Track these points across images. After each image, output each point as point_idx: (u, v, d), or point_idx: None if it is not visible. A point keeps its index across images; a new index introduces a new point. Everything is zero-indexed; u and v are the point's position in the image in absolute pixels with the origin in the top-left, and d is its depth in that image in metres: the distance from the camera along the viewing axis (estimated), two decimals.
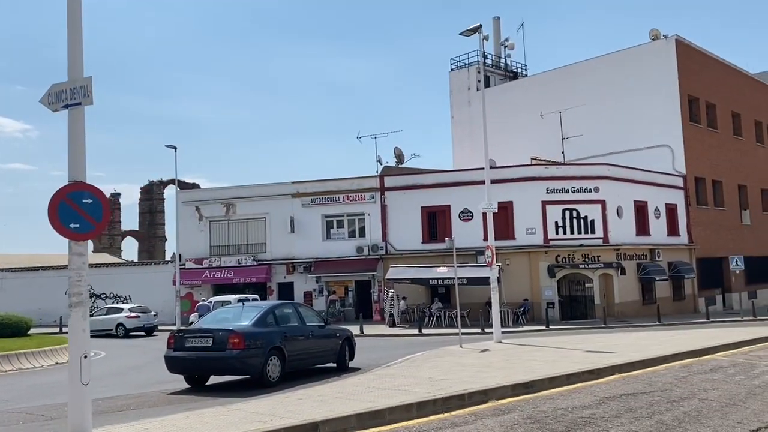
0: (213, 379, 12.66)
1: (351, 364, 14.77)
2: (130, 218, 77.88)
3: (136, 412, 9.71)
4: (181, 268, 36.83)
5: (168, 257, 58.34)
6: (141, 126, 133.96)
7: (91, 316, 32.21)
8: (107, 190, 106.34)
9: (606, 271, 32.78)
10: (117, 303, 36.61)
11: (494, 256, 19.22)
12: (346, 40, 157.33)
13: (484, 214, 33.06)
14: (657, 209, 36.59)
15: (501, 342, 18.96)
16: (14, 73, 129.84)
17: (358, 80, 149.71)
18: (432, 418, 8.86)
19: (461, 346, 17.81)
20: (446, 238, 18.53)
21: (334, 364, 14.21)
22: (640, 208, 35.56)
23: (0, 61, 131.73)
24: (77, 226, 7.22)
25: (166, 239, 72.30)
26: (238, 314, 12.49)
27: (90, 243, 67.23)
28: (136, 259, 64.49)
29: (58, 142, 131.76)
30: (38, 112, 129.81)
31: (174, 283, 35.88)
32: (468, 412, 9.15)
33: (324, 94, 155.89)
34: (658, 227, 36.48)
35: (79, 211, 7.23)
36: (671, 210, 37.81)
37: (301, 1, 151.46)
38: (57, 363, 18.25)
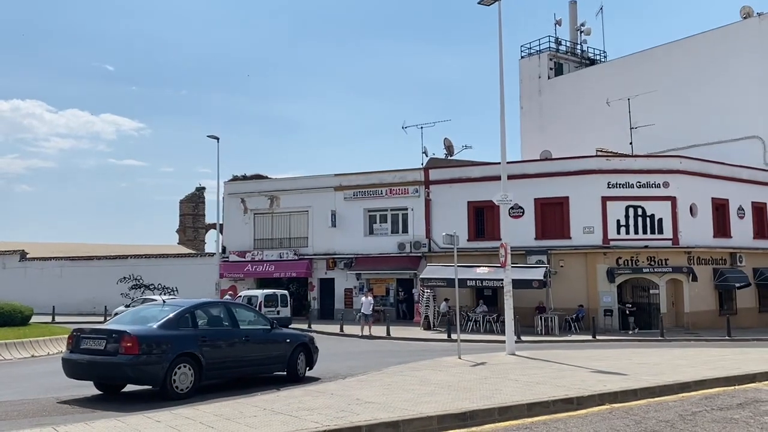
0: (130, 387, 11.05)
1: (310, 373, 12.81)
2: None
3: None
4: (225, 261, 36.27)
5: None
6: (244, 125, 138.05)
7: (128, 306, 32.06)
8: (194, 185, 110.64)
9: (675, 276, 29.11)
10: (163, 294, 36.36)
11: (507, 255, 16.70)
12: (409, 30, 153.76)
13: (535, 211, 30.88)
14: (741, 208, 32.28)
15: (514, 354, 16.49)
16: (130, 74, 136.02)
17: (423, 72, 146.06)
18: None
19: (460, 357, 15.52)
20: (444, 234, 16.06)
21: (284, 373, 12.31)
22: (720, 207, 31.45)
23: (117, 63, 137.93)
24: None
25: None
26: (153, 314, 10.75)
27: (176, 235, 68.95)
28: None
29: (169, 140, 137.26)
30: (152, 112, 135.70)
31: (220, 275, 35.45)
32: None
33: (399, 88, 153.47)
34: (741, 228, 32.14)
35: None
36: (759, 209, 33.30)
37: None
38: (33, 356, 17.37)
